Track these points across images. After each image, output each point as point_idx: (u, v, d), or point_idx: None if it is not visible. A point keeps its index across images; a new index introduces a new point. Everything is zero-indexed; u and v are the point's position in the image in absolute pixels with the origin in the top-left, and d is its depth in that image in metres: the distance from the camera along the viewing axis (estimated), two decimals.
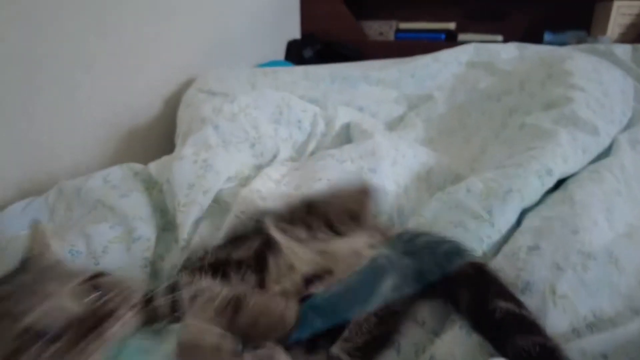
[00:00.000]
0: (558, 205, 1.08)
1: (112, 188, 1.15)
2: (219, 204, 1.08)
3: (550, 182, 1.13)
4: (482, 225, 1.02)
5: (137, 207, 1.09)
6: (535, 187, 1.10)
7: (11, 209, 1.16)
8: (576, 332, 0.80)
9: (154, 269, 1.01)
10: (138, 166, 1.23)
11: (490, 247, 1.01)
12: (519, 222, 1.07)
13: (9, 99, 1.24)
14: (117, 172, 1.20)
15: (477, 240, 1.01)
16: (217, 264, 0.73)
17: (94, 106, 1.49)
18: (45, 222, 1.13)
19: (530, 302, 0.80)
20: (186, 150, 1.14)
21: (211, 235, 1.02)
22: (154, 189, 1.17)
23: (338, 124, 1.55)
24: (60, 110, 1.39)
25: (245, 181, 1.14)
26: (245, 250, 0.78)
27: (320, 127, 1.53)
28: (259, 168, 1.29)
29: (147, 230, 1.05)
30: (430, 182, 1.35)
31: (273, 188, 1.10)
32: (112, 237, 1.04)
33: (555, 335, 0.73)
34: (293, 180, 1.16)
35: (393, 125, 1.89)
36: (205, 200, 1.04)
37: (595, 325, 0.81)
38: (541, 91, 1.54)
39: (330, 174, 1.16)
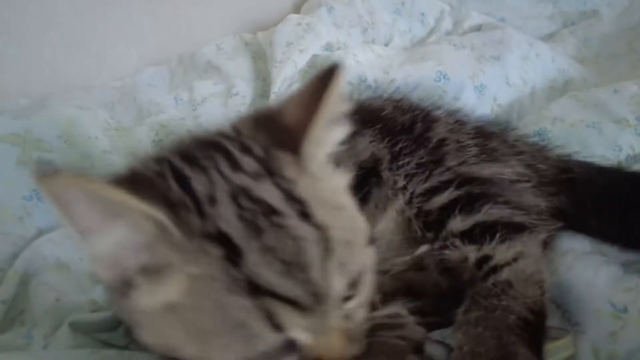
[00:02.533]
0: None
1: (223, 53, 1.18)
2: (314, 69, 1.02)
3: None
4: (624, 131, 0.81)
5: (241, 69, 1.11)
6: None
7: (144, 72, 1.25)
8: None
9: None
10: (249, 36, 1.23)
11: (631, 158, 0.79)
12: None
13: None
14: (229, 41, 1.22)
15: (613, 146, 0.80)
16: None
17: None
18: (165, 84, 1.20)
19: None
20: (293, 16, 1.10)
21: None
22: (259, 59, 1.16)
23: (467, 24, 1.35)
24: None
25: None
26: None
27: (446, 24, 1.35)
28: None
29: (245, 89, 1.06)
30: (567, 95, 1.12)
31: (373, 59, 1.01)
32: (213, 92, 1.07)
33: None
34: (398, 57, 1.05)
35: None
36: (301, 59, 1.01)
37: None
38: None
39: (443, 57, 1.02)
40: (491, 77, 0.99)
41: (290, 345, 0.38)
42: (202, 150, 0.42)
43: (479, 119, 0.75)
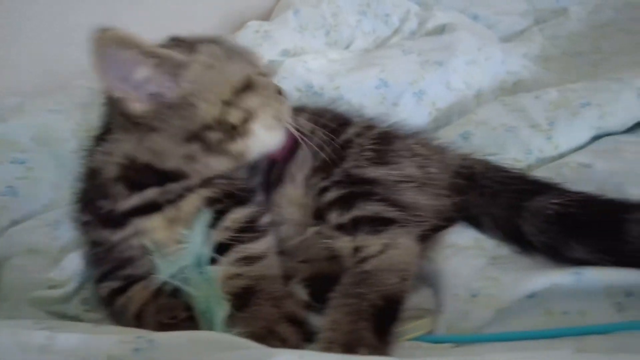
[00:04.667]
0: None
1: None
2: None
3: None
4: (537, 136, 0.88)
5: None
6: (626, 106, 0.88)
7: None
8: None
9: None
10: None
11: (539, 161, 0.86)
12: None
13: None
14: None
15: (524, 150, 0.87)
16: None
17: None
18: None
19: None
20: (252, 23, 1.18)
21: None
22: None
23: (432, 24, 1.41)
24: None
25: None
26: None
27: (411, 24, 1.41)
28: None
29: None
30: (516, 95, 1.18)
31: (324, 64, 1.09)
32: None
33: None
34: (349, 62, 1.13)
35: (510, 40, 1.66)
36: None
37: None
38: None
39: (388, 63, 1.09)
40: (431, 83, 1.06)
41: None
42: None
43: (391, 124, 0.84)
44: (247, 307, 0.58)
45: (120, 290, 0.63)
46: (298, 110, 0.75)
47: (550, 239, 0.62)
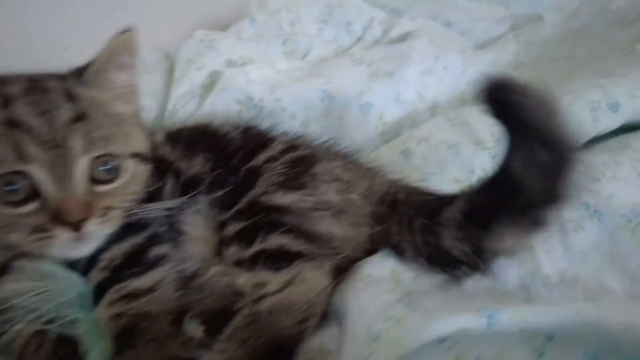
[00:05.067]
0: (605, 150, 0.79)
1: (142, 67, 1.21)
2: (214, 84, 1.06)
3: (611, 121, 0.82)
4: (480, 153, 0.82)
5: (151, 84, 1.15)
6: (577, 122, 0.81)
7: None
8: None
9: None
10: (171, 50, 1.27)
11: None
12: None
13: None
14: (153, 55, 1.26)
15: (467, 169, 0.81)
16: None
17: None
18: None
19: None
20: (199, 32, 1.13)
21: (195, 111, 1.02)
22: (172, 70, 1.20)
23: (396, 32, 1.36)
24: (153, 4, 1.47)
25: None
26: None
27: (375, 32, 1.36)
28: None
29: (150, 103, 1.10)
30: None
31: (269, 74, 1.04)
32: None
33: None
34: (297, 73, 1.08)
35: (485, 47, 1.60)
36: (197, 76, 1.04)
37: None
38: None
39: (334, 74, 1.04)
40: (379, 95, 1.00)
41: (34, 191, 0.51)
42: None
43: (322, 143, 0.79)
44: (129, 349, 0.53)
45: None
46: (191, 150, 0.70)
47: (473, 242, 0.59)
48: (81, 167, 0.54)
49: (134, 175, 0.60)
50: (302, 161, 0.69)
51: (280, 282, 0.57)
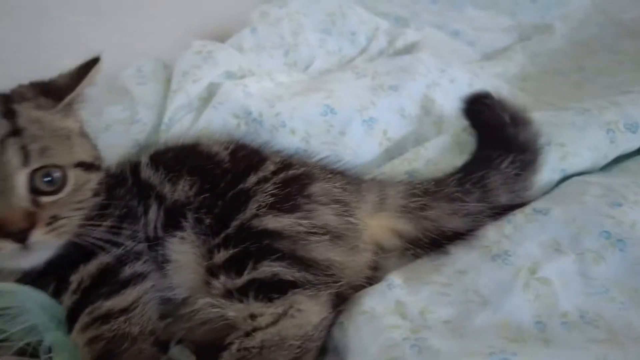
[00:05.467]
0: (621, 173, 0.75)
1: (139, 77, 1.18)
2: (212, 95, 1.02)
3: (630, 143, 0.77)
4: None
5: (147, 94, 1.11)
6: (593, 145, 0.77)
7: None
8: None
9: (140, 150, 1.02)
10: (169, 59, 1.23)
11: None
12: None
13: None
14: (150, 64, 1.22)
15: None
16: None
17: (180, 10, 1.52)
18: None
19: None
20: (196, 43, 1.09)
21: (192, 125, 0.98)
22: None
23: (402, 43, 1.32)
24: (148, 14, 1.45)
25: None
26: None
27: (380, 43, 1.32)
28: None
29: (147, 115, 1.06)
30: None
31: (269, 88, 1.00)
32: (118, 118, 1.08)
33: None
34: (298, 86, 1.04)
35: (492, 57, 1.56)
36: (194, 89, 1.00)
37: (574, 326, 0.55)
38: None
39: (336, 87, 1.00)
40: (383, 110, 0.96)
41: None
42: None
43: (319, 162, 0.75)
44: None
45: None
46: (176, 173, 0.67)
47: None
48: (20, 180, 0.55)
49: (80, 184, 0.60)
50: (296, 181, 0.65)
51: (274, 315, 0.53)
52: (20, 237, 0.53)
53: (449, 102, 1.06)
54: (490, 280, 0.61)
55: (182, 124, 0.98)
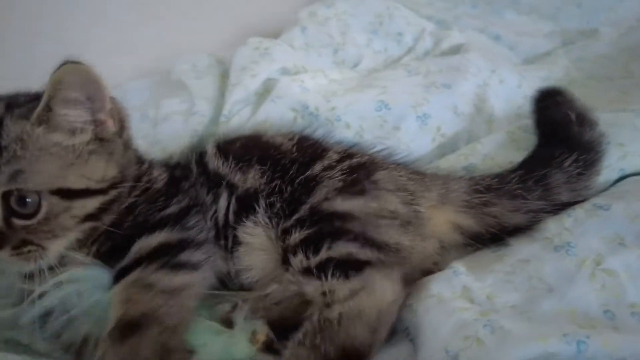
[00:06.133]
0: None
1: (195, 72, 1.23)
2: (268, 91, 1.06)
3: None
4: None
5: (205, 88, 1.16)
6: None
7: (129, 84, 1.31)
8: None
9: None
10: (224, 56, 1.28)
11: None
12: None
13: None
14: (204, 59, 1.27)
15: None
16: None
17: (223, 11, 1.58)
18: (145, 98, 1.27)
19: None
20: (253, 39, 1.14)
21: (249, 118, 1.02)
22: (227, 77, 1.21)
23: (447, 44, 1.34)
24: (194, 14, 1.51)
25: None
26: None
27: (425, 44, 1.35)
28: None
29: (205, 108, 1.11)
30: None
31: (323, 84, 1.03)
32: (176, 110, 1.13)
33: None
34: (351, 82, 1.07)
35: (533, 62, 1.56)
36: (252, 83, 1.04)
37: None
38: None
39: (390, 84, 1.02)
40: (436, 106, 0.98)
41: None
42: None
43: (376, 152, 0.78)
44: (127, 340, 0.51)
45: None
46: (245, 162, 0.70)
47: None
48: None
49: (55, 213, 0.58)
50: (362, 167, 0.68)
51: (350, 290, 0.56)
52: None
53: (499, 101, 1.08)
54: (554, 270, 0.62)
55: (240, 117, 1.02)
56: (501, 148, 0.86)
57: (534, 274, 0.62)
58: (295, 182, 0.67)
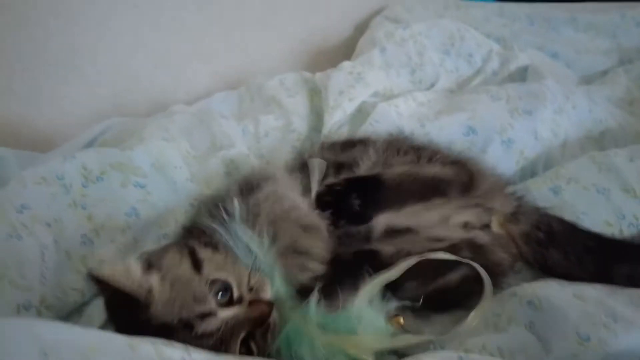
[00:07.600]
0: None
1: (284, 89, 1.35)
2: (361, 113, 1.17)
3: None
4: (630, 201, 0.88)
5: (298, 106, 1.28)
6: None
7: (217, 95, 1.45)
8: None
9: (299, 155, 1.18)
10: (308, 74, 1.39)
11: (633, 227, 0.86)
12: None
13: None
14: (291, 77, 1.39)
15: (617, 215, 0.88)
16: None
17: (292, 23, 1.70)
18: (233, 110, 1.39)
19: None
20: (346, 63, 1.25)
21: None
22: (315, 95, 1.32)
23: (514, 65, 1.43)
24: (265, 26, 1.63)
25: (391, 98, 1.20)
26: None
27: (493, 64, 1.44)
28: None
29: (300, 125, 1.23)
30: (603, 144, 1.19)
31: (413, 107, 1.14)
32: (274, 126, 1.25)
33: None
34: (437, 105, 1.17)
35: (591, 80, 1.64)
36: (349, 107, 1.16)
37: None
38: None
39: (476, 107, 1.13)
40: (520, 132, 1.08)
41: None
42: None
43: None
44: None
45: None
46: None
47: None
48: None
49: None
50: None
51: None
52: None
53: (572, 126, 1.17)
54: None
55: (338, 136, 1.14)
56: (584, 170, 0.96)
57: None
58: None
